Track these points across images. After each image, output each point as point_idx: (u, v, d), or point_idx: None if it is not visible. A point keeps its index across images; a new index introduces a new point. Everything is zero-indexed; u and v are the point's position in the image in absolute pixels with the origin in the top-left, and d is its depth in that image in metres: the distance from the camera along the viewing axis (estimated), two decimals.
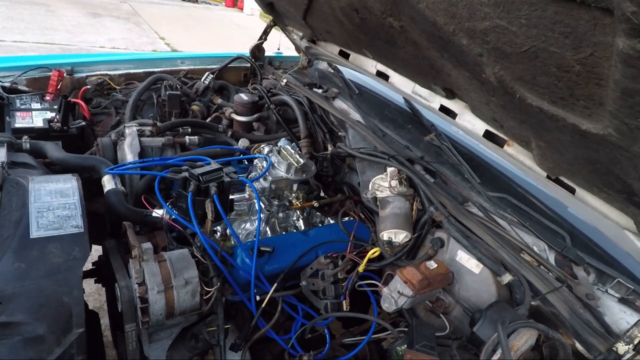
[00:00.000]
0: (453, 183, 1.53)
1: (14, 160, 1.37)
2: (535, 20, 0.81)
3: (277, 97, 2.16)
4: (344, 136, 1.89)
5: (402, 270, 1.19)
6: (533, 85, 0.97)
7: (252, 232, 1.56)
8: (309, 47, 2.28)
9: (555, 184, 1.31)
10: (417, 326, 1.12)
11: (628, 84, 0.70)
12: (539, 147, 1.23)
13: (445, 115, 1.60)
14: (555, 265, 1.24)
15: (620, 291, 1.20)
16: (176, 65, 2.42)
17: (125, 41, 7.89)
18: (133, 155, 1.60)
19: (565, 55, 0.81)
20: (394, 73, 1.80)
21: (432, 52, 1.28)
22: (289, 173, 1.58)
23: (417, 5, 1.08)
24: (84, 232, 1.10)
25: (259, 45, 2.56)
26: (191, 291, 1.16)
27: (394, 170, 1.48)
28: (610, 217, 1.21)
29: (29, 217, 1.08)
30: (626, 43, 0.63)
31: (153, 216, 1.34)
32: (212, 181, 1.26)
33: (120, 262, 1.21)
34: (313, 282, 1.35)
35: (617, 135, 0.83)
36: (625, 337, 1.03)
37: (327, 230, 1.59)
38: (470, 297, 1.28)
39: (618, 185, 1.04)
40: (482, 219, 1.37)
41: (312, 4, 1.76)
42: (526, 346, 0.99)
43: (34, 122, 1.73)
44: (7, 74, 1.95)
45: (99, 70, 2.19)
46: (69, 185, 1.24)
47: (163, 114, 2.07)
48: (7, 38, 6.46)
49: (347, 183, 1.83)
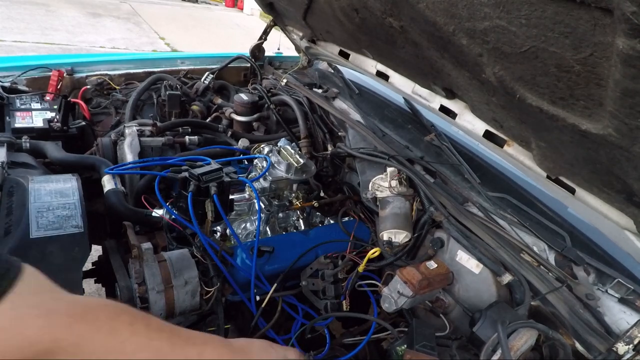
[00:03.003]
0: (453, 183, 1.53)
1: (14, 160, 1.37)
2: (535, 20, 0.81)
3: (277, 97, 2.16)
4: (344, 136, 1.89)
5: (402, 270, 1.19)
6: (533, 85, 0.97)
7: (252, 232, 1.56)
8: (309, 47, 2.28)
9: (555, 184, 1.31)
10: (417, 326, 1.12)
11: (628, 84, 0.70)
12: (539, 147, 1.23)
13: (445, 115, 1.60)
14: (555, 265, 1.24)
15: (620, 291, 1.20)
16: (176, 65, 2.42)
17: (125, 41, 7.89)
18: (133, 155, 1.60)
19: (565, 55, 0.81)
20: (394, 73, 1.80)
21: (432, 52, 1.28)
22: (289, 173, 1.58)
23: (417, 5, 1.08)
24: (84, 232, 1.10)
25: (259, 45, 2.56)
26: (191, 291, 1.16)
27: (394, 170, 1.48)
28: (610, 217, 1.21)
29: (29, 217, 1.08)
30: (626, 43, 0.63)
31: (153, 216, 1.34)
32: (212, 181, 1.26)
33: (120, 262, 1.21)
34: (313, 282, 1.35)
35: (617, 135, 0.83)
36: (625, 337, 1.02)
37: (327, 230, 1.59)
38: (470, 297, 1.28)
39: (618, 185, 1.04)
40: (482, 219, 1.37)
41: (312, 4, 1.76)
42: (526, 346, 0.99)
43: (34, 122, 1.73)
44: (7, 74, 1.94)
45: (99, 70, 2.19)
46: (69, 185, 1.24)
47: (163, 114, 2.07)
48: (7, 38, 6.46)
49: (347, 183, 1.83)
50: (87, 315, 0.58)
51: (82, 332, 0.56)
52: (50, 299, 0.57)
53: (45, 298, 0.56)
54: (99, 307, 0.61)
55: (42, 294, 0.57)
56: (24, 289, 0.53)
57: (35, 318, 0.53)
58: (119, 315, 0.62)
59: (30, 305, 0.53)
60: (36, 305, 0.54)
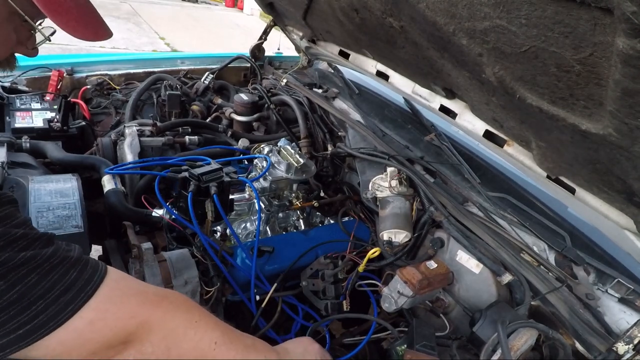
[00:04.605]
0: (453, 183, 1.53)
1: (14, 160, 1.37)
2: (535, 20, 0.81)
3: (277, 97, 2.16)
4: (344, 136, 1.89)
5: (402, 270, 1.19)
6: (533, 85, 0.97)
7: (252, 232, 1.56)
8: (309, 47, 2.28)
9: (555, 184, 1.31)
10: (417, 326, 1.12)
11: (628, 84, 0.70)
12: (539, 147, 1.23)
13: (445, 115, 1.60)
14: (555, 265, 1.24)
15: (620, 291, 1.20)
16: (176, 65, 2.42)
17: (125, 41, 7.89)
18: (133, 155, 1.60)
19: (565, 55, 0.81)
20: (394, 73, 1.80)
21: (432, 52, 1.28)
22: (289, 173, 1.58)
23: (417, 5, 1.08)
24: (84, 232, 1.10)
25: (259, 45, 2.56)
26: (191, 291, 1.16)
27: (394, 170, 1.48)
28: (610, 217, 1.21)
29: (29, 217, 1.08)
30: (626, 43, 0.63)
31: (153, 216, 1.34)
32: (212, 181, 1.26)
33: (120, 262, 1.21)
34: (313, 283, 1.35)
35: (617, 135, 0.83)
36: (625, 337, 1.02)
37: (327, 230, 1.59)
38: (470, 297, 1.28)
39: (618, 185, 1.04)
40: (482, 219, 1.37)
41: (312, 4, 1.76)
42: (526, 346, 0.99)
43: (34, 122, 1.73)
44: (7, 74, 1.95)
45: (99, 70, 2.19)
46: (69, 185, 1.24)
47: (163, 114, 2.07)
48: None
49: (347, 183, 1.83)
50: (168, 298, 0.74)
51: (167, 308, 0.71)
52: (137, 284, 0.74)
53: (133, 284, 0.72)
54: (174, 295, 0.78)
55: (131, 281, 0.72)
56: (115, 277, 0.68)
57: (130, 297, 0.68)
58: (192, 307, 0.78)
59: (125, 289, 0.69)
60: (129, 288, 0.70)
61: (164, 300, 0.72)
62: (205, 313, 0.78)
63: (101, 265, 0.67)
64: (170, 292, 0.79)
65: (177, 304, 0.74)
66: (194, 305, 0.79)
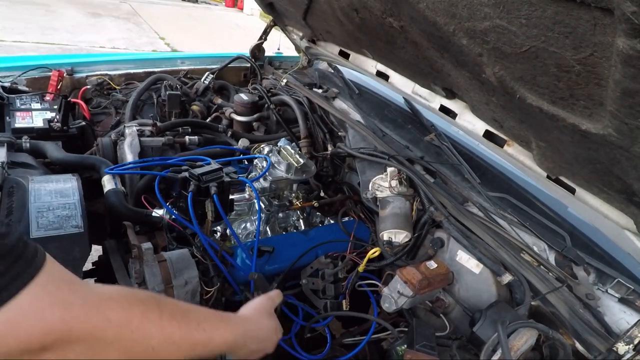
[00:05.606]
0: (453, 183, 1.53)
1: (14, 160, 1.37)
2: (535, 20, 0.81)
3: (277, 97, 2.16)
4: (344, 136, 1.89)
5: (402, 270, 1.19)
6: (533, 85, 0.97)
7: (252, 232, 1.56)
8: (309, 47, 2.28)
9: (555, 184, 1.31)
10: (417, 326, 1.12)
11: (628, 84, 0.70)
12: (539, 147, 1.23)
13: (445, 115, 1.60)
14: (555, 265, 1.24)
15: (620, 291, 1.20)
16: (176, 65, 2.42)
17: (125, 41, 7.89)
18: (133, 155, 1.60)
19: (565, 55, 0.81)
20: (394, 73, 1.80)
21: (432, 52, 1.28)
22: (289, 173, 1.58)
23: (417, 5, 1.08)
24: (84, 232, 1.10)
25: (259, 45, 2.56)
26: (191, 291, 1.16)
27: (394, 170, 1.48)
28: (610, 217, 1.21)
29: (29, 217, 1.08)
30: (626, 43, 0.63)
31: (153, 216, 1.34)
32: (212, 181, 1.26)
33: (120, 262, 1.21)
34: (313, 281, 1.35)
35: (617, 135, 0.83)
36: (625, 337, 1.02)
37: (327, 230, 1.59)
38: (470, 297, 1.28)
39: (618, 185, 1.04)
40: (482, 219, 1.37)
41: (312, 4, 1.76)
42: (526, 346, 0.99)
43: (34, 122, 1.72)
44: (7, 74, 1.95)
45: (99, 70, 2.19)
46: (69, 185, 1.24)
47: (163, 114, 2.07)
48: (7, 38, 6.46)
49: (347, 183, 1.83)
50: (100, 306, 0.64)
51: (95, 322, 0.61)
52: (68, 290, 0.62)
53: (64, 289, 0.62)
54: (112, 299, 0.66)
55: (62, 285, 0.62)
56: (46, 278, 0.59)
57: (53, 308, 0.58)
58: (132, 306, 0.67)
59: (50, 295, 0.59)
60: (55, 295, 0.60)
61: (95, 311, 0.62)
62: (146, 317, 0.68)
63: (38, 258, 0.60)
64: (117, 293, 0.68)
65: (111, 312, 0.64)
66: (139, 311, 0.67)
